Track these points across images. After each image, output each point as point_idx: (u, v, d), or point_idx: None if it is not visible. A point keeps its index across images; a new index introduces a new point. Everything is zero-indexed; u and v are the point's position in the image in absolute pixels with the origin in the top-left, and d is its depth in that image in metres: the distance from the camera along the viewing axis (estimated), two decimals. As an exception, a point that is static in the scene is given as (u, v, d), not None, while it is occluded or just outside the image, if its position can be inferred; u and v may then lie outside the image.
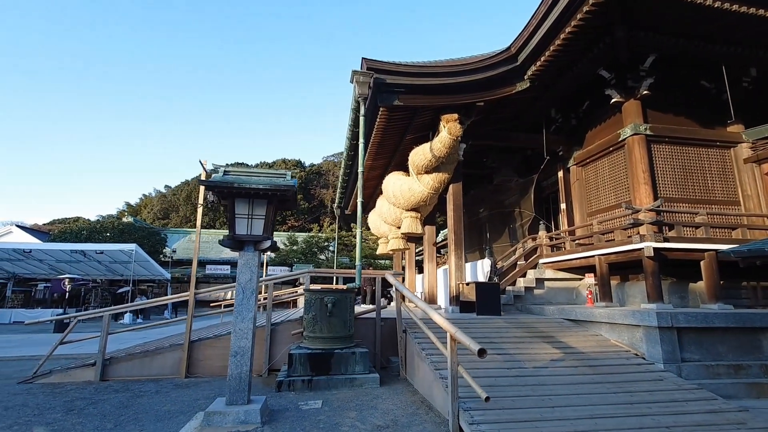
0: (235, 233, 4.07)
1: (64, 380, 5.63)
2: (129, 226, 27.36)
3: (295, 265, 24.45)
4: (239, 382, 3.87)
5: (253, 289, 4.10)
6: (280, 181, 4.22)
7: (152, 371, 5.91)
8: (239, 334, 3.97)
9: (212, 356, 6.15)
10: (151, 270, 21.04)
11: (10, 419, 3.95)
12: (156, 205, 55.79)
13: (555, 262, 8.30)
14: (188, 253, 32.61)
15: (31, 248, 18.29)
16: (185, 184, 56.52)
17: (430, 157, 7.78)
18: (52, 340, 10.58)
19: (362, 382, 5.23)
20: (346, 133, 9.19)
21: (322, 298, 5.64)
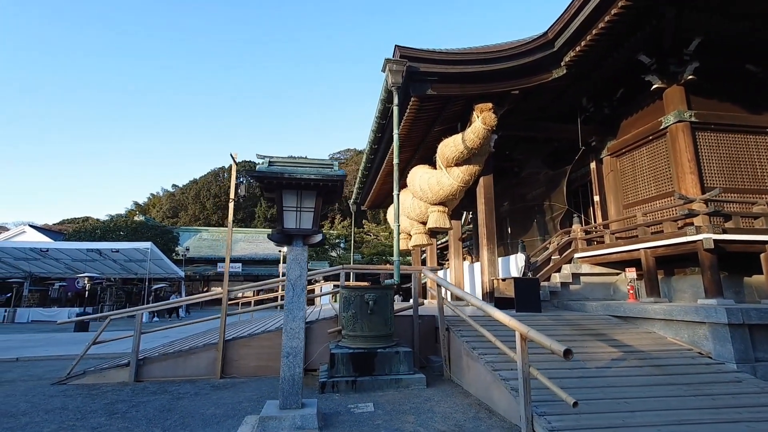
0: (284, 227, 3.84)
1: (98, 381, 5.46)
2: (141, 225, 27.37)
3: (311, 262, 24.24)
4: (292, 385, 3.65)
5: (304, 285, 3.87)
6: (329, 171, 3.98)
7: (187, 372, 5.72)
8: (291, 333, 3.74)
9: (247, 356, 5.95)
10: (165, 268, 20.97)
11: (54, 423, 3.77)
12: (165, 204, 55.95)
13: (592, 257, 8.00)
14: (199, 252, 32.67)
15: (48, 247, 18.27)
16: (193, 183, 56.65)
17: (462, 149, 7.50)
18: (75, 340, 10.54)
19: (408, 383, 4.99)
20: (371, 125, 8.93)
21: (362, 295, 5.41)
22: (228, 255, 6.23)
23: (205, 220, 50.74)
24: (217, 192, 52.84)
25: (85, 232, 26.02)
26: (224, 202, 52.49)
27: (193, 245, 32.84)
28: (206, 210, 52.09)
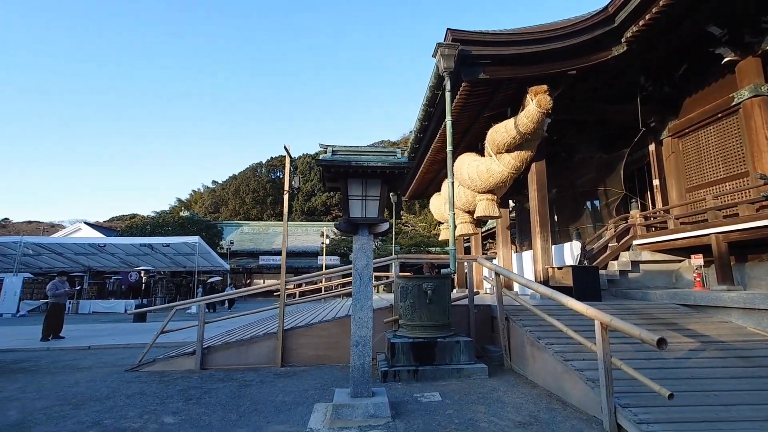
0: (350, 216, 3.82)
1: (167, 369, 5.73)
2: (187, 220, 28.61)
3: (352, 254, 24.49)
4: (362, 374, 3.65)
5: (371, 275, 3.85)
6: (393, 158, 3.91)
7: (249, 360, 5.90)
8: (359, 323, 3.74)
9: (305, 345, 6.06)
10: (211, 261, 21.85)
11: (137, 408, 3.97)
12: (206, 200, 58.17)
13: (653, 243, 7.54)
14: (242, 245, 33.79)
15: (105, 243, 19.44)
16: (233, 179, 58.51)
17: (514, 134, 7.23)
18: (136, 330, 11.18)
19: (470, 372, 4.91)
20: (417, 114, 8.79)
21: (420, 284, 5.35)
22: (284, 247, 6.33)
23: (244, 215, 52.36)
24: (255, 187, 54.32)
25: (135, 228, 27.52)
26: (262, 197, 53.95)
27: (235, 239, 33.99)
28: (246, 205, 53.69)
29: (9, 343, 8.62)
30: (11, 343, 8.63)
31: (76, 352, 7.63)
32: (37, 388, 4.86)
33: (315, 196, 51.70)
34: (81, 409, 3.96)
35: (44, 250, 19.85)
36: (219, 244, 29.77)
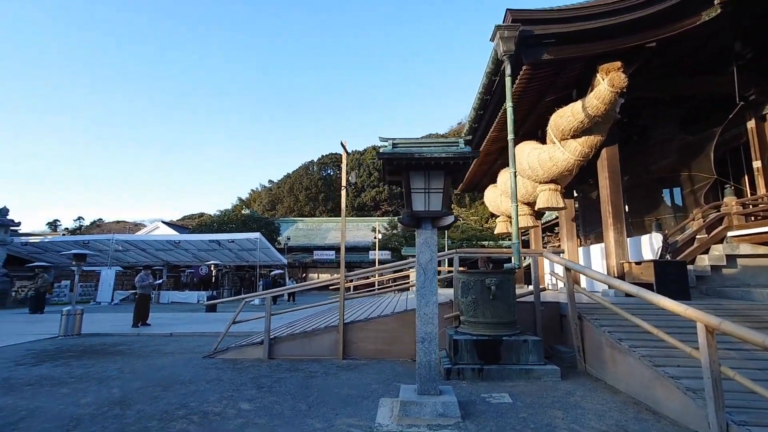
0: (413, 209, 3.73)
1: (239, 357, 6.05)
2: (249, 218, 30.28)
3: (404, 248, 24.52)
4: (429, 371, 3.56)
5: (435, 270, 3.73)
6: (455, 149, 3.75)
7: (312, 351, 6.06)
8: (425, 318, 3.65)
9: (364, 339, 6.10)
10: (271, 256, 22.94)
11: (217, 392, 4.22)
12: (264, 198, 61.29)
13: (755, 234, 6.62)
14: (297, 240, 35.11)
15: (180, 239, 21.15)
16: (287, 178, 61.04)
17: (582, 118, 6.68)
18: (208, 319, 12.03)
19: (540, 374, 4.63)
20: (473, 103, 8.47)
21: (483, 279, 5.14)
22: (343, 242, 6.41)
23: (298, 212, 54.48)
24: (307, 185, 56.24)
25: (205, 225, 29.68)
26: (314, 194, 55.74)
27: (290, 235, 35.43)
28: (299, 202, 55.80)
29: (107, 328, 9.67)
30: (109, 328, 9.68)
31: (161, 338, 8.35)
32: (132, 369, 5.37)
33: (364, 192, 52.42)
34: (169, 391, 4.29)
35: (131, 246, 22.05)
36: (277, 240, 31.19)
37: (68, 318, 8.61)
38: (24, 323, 11.75)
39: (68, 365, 5.71)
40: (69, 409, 3.77)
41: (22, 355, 6.52)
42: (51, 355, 6.57)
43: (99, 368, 5.48)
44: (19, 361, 6.11)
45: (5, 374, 5.21)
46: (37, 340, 8.16)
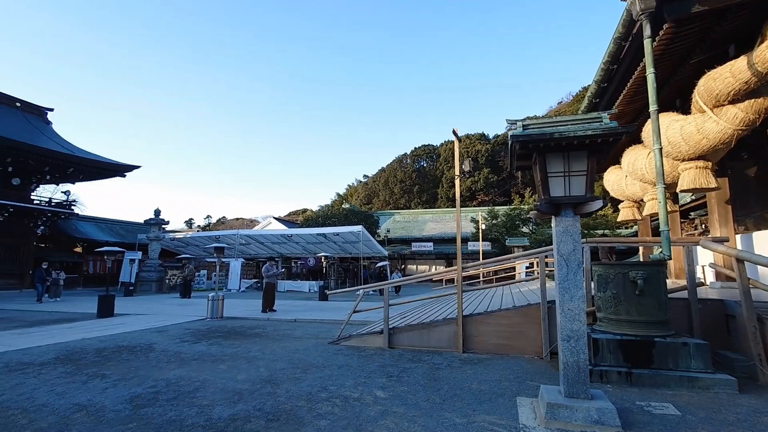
0: (551, 195, 3.41)
1: (360, 344, 6.34)
2: (349, 212, 31.87)
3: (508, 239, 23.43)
4: (577, 372, 3.24)
5: (579, 261, 3.37)
6: (599, 125, 3.32)
7: (430, 343, 6.07)
8: (569, 315, 3.32)
9: (485, 333, 5.90)
10: (372, 248, 23.80)
11: (349, 379, 4.45)
12: (360, 193, 64.03)
13: None
14: (395, 233, 35.92)
15: (291, 233, 23.17)
16: (381, 172, 62.77)
17: (747, 77, 5.45)
18: (322, 307, 12.99)
19: (708, 384, 3.93)
20: (594, 75, 7.56)
21: (626, 273, 4.55)
22: (458, 233, 6.26)
23: (394, 204, 55.71)
24: (402, 177, 57.10)
25: (311, 220, 32.10)
26: (409, 186, 56.38)
27: (388, 227, 36.39)
28: (394, 195, 57.00)
29: (242, 312, 11.05)
30: (243, 312, 11.04)
31: (287, 324, 9.21)
32: (272, 351, 5.99)
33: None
34: (308, 374, 4.66)
35: (251, 240, 24.89)
36: (376, 233, 32.26)
37: (213, 303, 10.00)
38: (177, 306, 14.04)
39: (219, 344, 6.60)
40: (230, 383, 4.31)
41: (182, 334, 7.74)
42: (204, 334, 7.68)
43: (244, 348, 6.22)
44: (183, 338, 7.26)
45: (176, 349, 6.22)
46: (191, 321, 9.64)
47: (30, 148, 20.09)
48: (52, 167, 22.45)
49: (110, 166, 24.29)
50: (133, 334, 7.66)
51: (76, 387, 4.19)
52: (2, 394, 3.94)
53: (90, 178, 25.43)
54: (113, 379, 4.46)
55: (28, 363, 5.28)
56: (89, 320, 9.98)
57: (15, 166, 20.81)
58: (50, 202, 22.89)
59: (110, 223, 31.01)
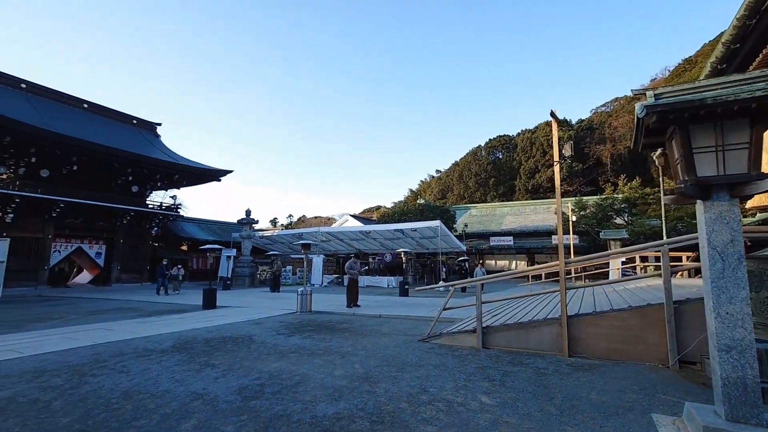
0: (697, 175, 2.80)
1: (452, 343, 6.06)
2: (425, 207, 31.56)
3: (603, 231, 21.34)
4: (744, 391, 2.62)
5: (740, 254, 2.73)
6: (763, 85, 2.63)
7: (529, 345, 5.58)
8: (729, 320, 2.70)
9: (594, 335, 5.24)
10: (450, 243, 23.25)
11: (449, 380, 4.20)
12: (434, 188, 63.33)
13: None
14: (472, 227, 34.82)
15: (369, 230, 23.57)
16: (455, 166, 61.41)
17: None
18: (404, 303, 12.92)
19: None
20: (723, 37, 6.35)
21: (792, 269, 3.66)
22: (560, 225, 5.65)
23: (469, 198, 54.16)
24: (477, 171, 55.25)
25: (387, 216, 32.43)
26: (484, 179, 54.37)
27: (464, 222, 35.39)
28: (469, 188, 55.42)
29: (327, 307, 11.42)
30: (329, 307, 11.41)
31: (372, 319, 9.26)
32: (363, 347, 5.98)
33: (538, 173, 48.20)
34: (404, 372, 4.52)
35: (331, 237, 25.85)
36: (453, 227, 31.53)
37: (302, 297, 10.44)
38: (268, 299, 15.00)
39: (312, 338, 6.78)
40: (328, 379, 4.32)
41: (277, 326, 8.14)
42: (297, 328, 7.99)
43: (336, 343, 6.30)
44: (278, 330, 7.63)
45: (273, 341, 6.52)
46: (283, 314, 10.16)
47: (146, 160, 23.06)
48: (162, 175, 25.56)
49: (209, 172, 26.91)
50: (234, 326, 8.25)
51: (191, 375, 4.52)
52: (133, 378, 4.39)
53: (192, 183, 28.47)
54: (222, 369, 4.75)
55: (152, 350, 5.89)
56: (196, 311, 11.05)
57: (134, 176, 24.06)
58: (161, 206, 26.04)
59: (208, 223, 34.48)
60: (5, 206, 18.56)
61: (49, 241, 20.47)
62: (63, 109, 23.27)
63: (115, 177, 23.70)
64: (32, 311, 11.29)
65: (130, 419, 3.23)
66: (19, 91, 21.76)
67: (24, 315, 10.39)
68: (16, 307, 12.27)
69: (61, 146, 19.62)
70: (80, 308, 12.02)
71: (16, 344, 6.31)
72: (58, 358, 5.39)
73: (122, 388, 4.03)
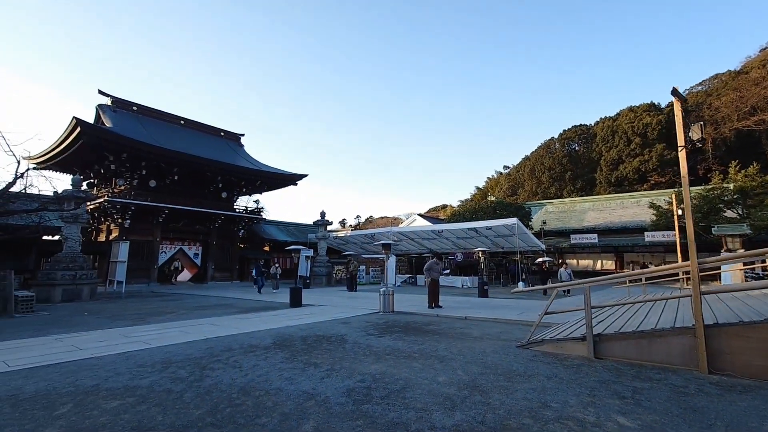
0: None
1: (557, 351, 5.57)
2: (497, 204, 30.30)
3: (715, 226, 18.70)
4: None
5: None
6: None
7: (653, 357, 4.90)
8: None
9: (743, 350, 4.43)
10: (528, 242, 22.00)
11: (571, 395, 3.80)
12: (503, 184, 60.66)
13: None
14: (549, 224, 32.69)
15: (442, 229, 23.17)
16: (526, 160, 58.29)
17: None
18: (486, 304, 12.29)
19: None
20: None
21: None
22: (689, 219, 4.88)
23: (542, 194, 51.01)
24: (550, 164, 51.87)
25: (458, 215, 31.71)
26: (559, 173, 50.85)
27: (540, 219, 33.34)
28: (542, 184, 52.23)
29: (408, 307, 11.34)
30: (410, 307, 11.33)
31: (458, 321, 8.96)
32: (459, 351, 5.74)
33: (623, 164, 43.67)
34: (513, 382, 4.20)
35: (403, 237, 25.87)
36: (528, 225, 29.85)
37: (384, 297, 10.46)
38: (348, 298, 15.35)
39: (403, 340, 6.69)
40: (434, 386, 4.14)
41: (365, 326, 8.19)
42: (384, 328, 7.97)
43: (429, 346, 6.13)
44: (367, 330, 7.67)
45: (365, 342, 6.54)
46: (367, 314, 10.26)
47: (234, 168, 25.12)
48: (246, 181, 27.61)
49: (287, 176, 28.52)
50: (323, 324, 8.48)
51: (297, 373, 4.64)
52: (246, 375, 4.61)
53: (272, 188, 30.37)
54: (325, 369, 4.81)
55: (255, 346, 6.22)
56: (284, 309, 11.62)
57: (223, 183, 26.29)
58: (246, 210, 28.12)
59: (286, 224, 36.53)
60: (124, 213, 21.35)
61: (157, 243, 23.13)
62: (165, 127, 26.17)
63: (208, 185, 26.08)
64: (150, 305, 12.75)
65: (253, 416, 3.35)
66: (130, 113, 24.91)
67: (144, 309, 11.75)
68: (137, 301, 13.99)
69: (166, 159, 22.09)
70: (186, 304, 13.31)
71: (144, 336, 7.08)
72: (179, 350, 5.91)
73: (239, 384, 4.24)
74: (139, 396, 3.85)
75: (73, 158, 21.27)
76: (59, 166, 23.11)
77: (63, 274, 14.39)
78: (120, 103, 24.70)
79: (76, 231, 15.79)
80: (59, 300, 13.83)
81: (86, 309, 11.76)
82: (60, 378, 4.48)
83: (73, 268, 14.83)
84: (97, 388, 4.10)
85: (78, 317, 9.95)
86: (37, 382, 4.33)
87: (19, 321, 9.36)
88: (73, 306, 12.63)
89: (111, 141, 19.63)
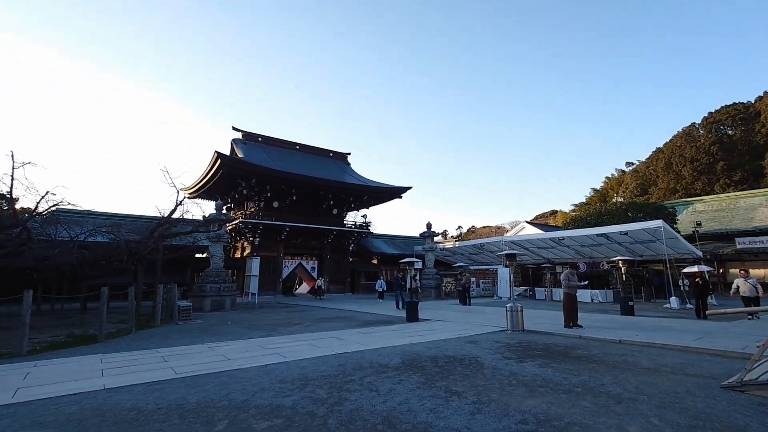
0: None
1: (790, 399, 4.04)
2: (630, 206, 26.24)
3: None
4: None
5: None
6: None
7: None
8: None
9: None
10: (677, 248, 18.36)
11: None
12: (630, 183, 52.95)
13: None
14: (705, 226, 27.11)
15: (564, 236, 20.77)
16: (658, 153, 50.28)
17: None
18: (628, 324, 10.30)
19: None
20: None
21: None
22: None
23: (683, 191, 43.07)
24: (693, 155, 43.68)
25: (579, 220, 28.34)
26: (706, 165, 42.44)
27: (689, 219, 27.88)
28: (683, 179, 44.19)
29: (539, 325, 10.06)
30: (541, 325, 10.03)
31: (612, 345, 7.49)
32: (635, 387, 4.59)
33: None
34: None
35: (515, 246, 23.90)
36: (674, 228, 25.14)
37: (512, 314, 9.42)
38: (463, 313, 14.50)
39: (550, 367, 5.70)
40: (622, 435, 3.20)
41: (497, 348, 7.33)
42: (520, 350, 7.02)
43: (590, 377, 5.07)
44: (501, 353, 6.82)
45: (505, 368, 5.72)
46: (493, 332, 9.33)
47: (344, 185, 26.51)
48: (354, 197, 28.83)
49: (392, 190, 29.02)
50: (449, 343, 7.87)
51: (440, 404, 4.10)
52: (386, 401, 4.23)
53: (378, 203, 31.20)
54: (471, 401, 4.19)
55: (385, 365, 5.89)
56: (402, 323, 11.33)
57: (334, 200, 27.85)
58: (356, 225, 29.27)
59: (392, 237, 37.09)
60: (255, 232, 23.95)
61: (280, 258, 25.40)
62: (284, 152, 28.96)
63: (321, 203, 27.91)
64: (279, 316, 13.73)
65: (408, 458, 2.89)
66: (256, 143, 28.15)
67: (275, 319, 12.64)
68: (268, 312, 15.26)
69: (287, 182, 24.30)
70: (310, 315, 14.01)
71: (279, 348, 7.38)
72: (313, 366, 5.89)
73: (380, 412, 3.87)
74: (285, 418, 3.73)
75: (215, 186, 24.78)
76: (205, 194, 27.13)
77: (211, 287, 16.48)
78: (248, 135, 28.11)
79: (219, 249, 18.08)
80: (208, 309, 15.82)
81: (230, 318, 13.13)
82: (215, 390, 4.69)
83: (218, 282, 16.90)
84: (247, 404, 4.14)
85: (224, 326, 11.05)
86: (198, 393, 4.58)
87: (181, 327, 10.76)
88: (219, 315, 14.26)
89: (244, 169, 22.34)
